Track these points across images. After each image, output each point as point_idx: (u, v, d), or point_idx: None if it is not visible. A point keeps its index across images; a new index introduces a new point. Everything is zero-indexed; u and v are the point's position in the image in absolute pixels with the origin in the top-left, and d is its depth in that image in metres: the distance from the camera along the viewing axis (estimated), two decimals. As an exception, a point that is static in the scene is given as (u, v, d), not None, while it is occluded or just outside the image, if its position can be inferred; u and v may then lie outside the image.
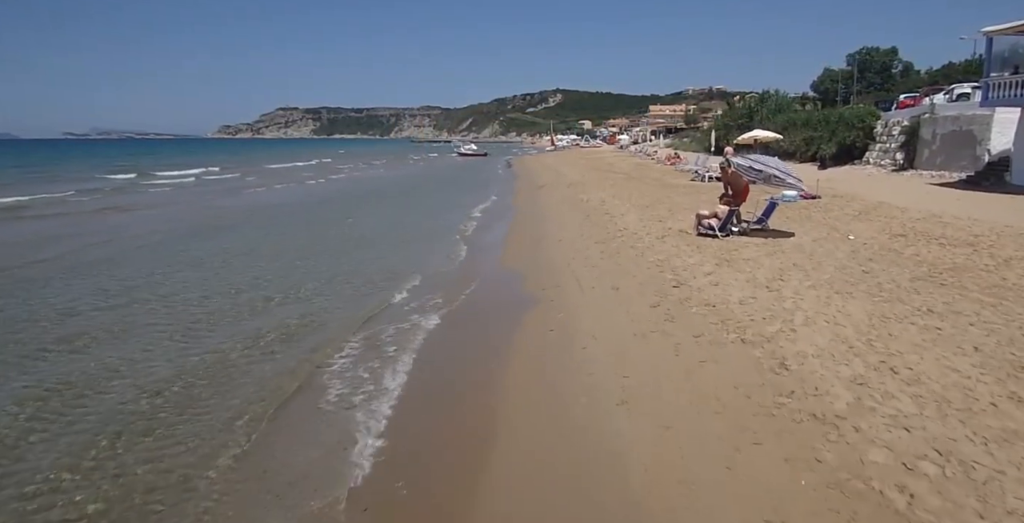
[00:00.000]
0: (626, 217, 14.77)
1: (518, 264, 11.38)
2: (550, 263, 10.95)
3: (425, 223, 18.10)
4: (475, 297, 9.55)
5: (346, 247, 14.09)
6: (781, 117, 43.90)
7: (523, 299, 8.96)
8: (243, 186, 31.83)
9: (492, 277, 11.08)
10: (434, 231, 16.44)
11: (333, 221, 18.84)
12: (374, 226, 17.59)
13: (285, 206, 23.42)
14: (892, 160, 28.93)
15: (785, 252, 10.25)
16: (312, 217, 20.05)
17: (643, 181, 26.47)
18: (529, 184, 29.32)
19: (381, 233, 16.34)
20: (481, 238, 15.02)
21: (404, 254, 13.05)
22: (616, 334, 6.71)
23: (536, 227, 15.45)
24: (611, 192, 21.27)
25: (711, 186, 23.07)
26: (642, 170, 34.24)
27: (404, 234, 16.25)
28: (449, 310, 8.75)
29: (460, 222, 17.67)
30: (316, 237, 15.70)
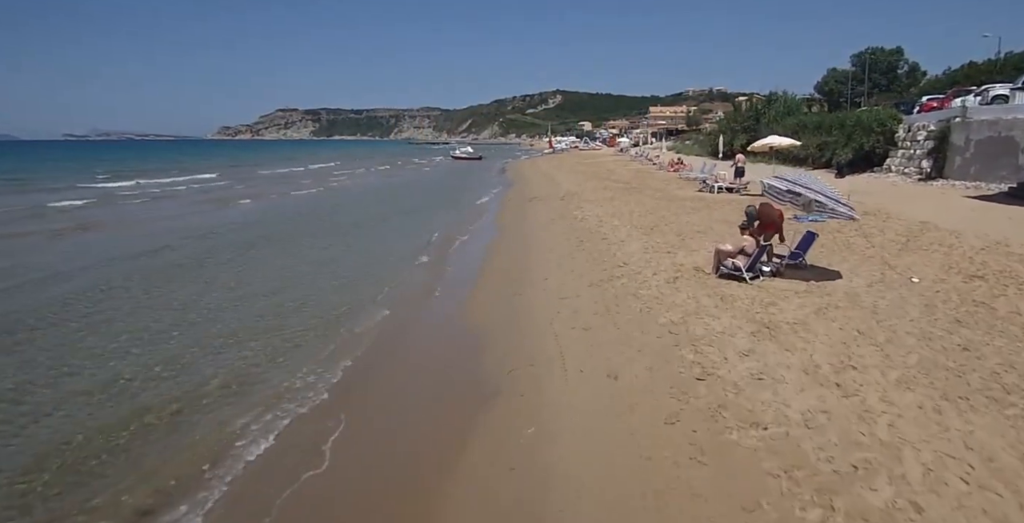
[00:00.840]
0: (627, 245, 12.24)
1: (485, 319, 8.79)
2: (528, 319, 8.38)
3: (395, 246, 15.53)
4: (403, 388, 6.72)
5: (270, 288, 11.57)
6: (791, 120, 41.41)
7: (478, 391, 6.30)
8: (229, 198, 28.72)
9: (443, 344, 8.35)
10: (397, 260, 13.92)
11: (288, 247, 16.35)
12: (331, 254, 15.10)
13: (257, 226, 20.98)
14: (917, 168, 26.43)
15: (839, 307, 7.71)
16: (281, 240, 17.57)
17: (645, 192, 23.94)
18: (520, 195, 26.78)
19: (340, 257, 13.86)
20: (447, 274, 12.44)
21: (342, 297, 10.40)
22: (615, 491, 4.17)
23: (518, 258, 12.83)
24: (609, 207, 18.73)
25: (722, 199, 20.55)
26: (643, 178, 31.72)
27: (366, 258, 13.77)
28: (343, 432, 5.62)
29: (427, 249, 15.08)
30: (258, 275, 13.21)
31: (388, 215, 22.10)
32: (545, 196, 24.35)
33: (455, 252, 14.64)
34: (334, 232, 18.06)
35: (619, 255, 11.27)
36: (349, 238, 17.06)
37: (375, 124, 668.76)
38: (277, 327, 8.74)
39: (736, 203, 19.54)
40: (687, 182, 28.32)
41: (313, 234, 17.73)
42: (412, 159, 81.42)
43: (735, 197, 21.24)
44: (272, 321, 9.04)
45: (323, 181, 40.19)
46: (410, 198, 28.87)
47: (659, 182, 28.59)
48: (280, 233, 17.96)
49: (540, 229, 16.16)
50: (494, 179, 38.86)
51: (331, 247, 15.53)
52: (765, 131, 45.78)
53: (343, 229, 18.64)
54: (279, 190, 33.01)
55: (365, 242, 16.39)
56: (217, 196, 29.28)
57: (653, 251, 11.40)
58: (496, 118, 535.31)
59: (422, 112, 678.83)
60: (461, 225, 19.02)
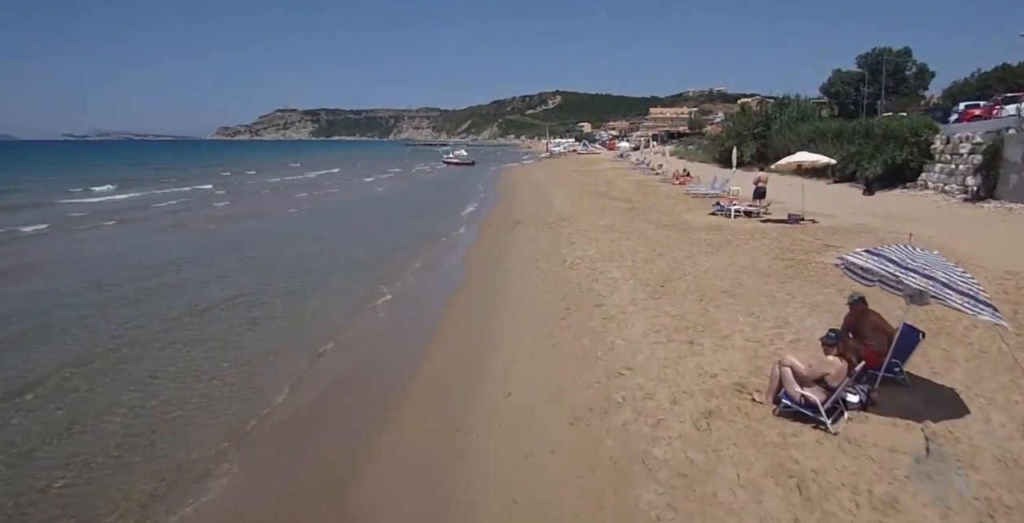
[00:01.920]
0: (630, 320, 8.75)
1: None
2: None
3: (309, 322, 11.92)
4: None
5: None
6: (806, 127, 37.92)
7: None
8: (202, 222, 24.76)
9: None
10: (307, 340, 10.49)
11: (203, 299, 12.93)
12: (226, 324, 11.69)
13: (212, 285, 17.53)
14: (961, 186, 22.99)
15: (1008, 505, 4.32)
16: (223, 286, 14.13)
17: (649, 215, 20.48)
18: (504, 216, 23.27)
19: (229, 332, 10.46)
20: (353, 383, 8.60)
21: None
22: None
23: (475, 345, 9.14)
24: (607, 242, 15.25)
25: (743, 228, 17.04)
26: (647, 193, 28.26)
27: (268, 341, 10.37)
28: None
29: (349, 323, 10.95)
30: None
31: (357, 245, 18.71)
32: (532, 219, 20.87)
33: (385, 323, 10.99)
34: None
35: (618, 345, 7.79)
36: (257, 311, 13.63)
37: (374, 125, 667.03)
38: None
39: (761, 235, 16.10)
40: (696, 200, 24.85)
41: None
42: (404, 161, 77.89)
43: (758, 226, 17.78)
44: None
45: (323, 197, 36.75)
46: (384, 222, 25.42)
47: (664, 200, 25.12)
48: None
49: (516, 278, 12.65)
50: (481, 192, 35.27)
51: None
52: (776, 138, 42.30)
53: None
54: (261, 208, 29.67)
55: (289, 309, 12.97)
56: (193, 218, 25.58)
57: (668, 338, 7.91)
58: (495, 119, 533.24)
59: (421, 113, 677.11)
60: (426, 265, 15.55)
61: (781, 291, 10.22)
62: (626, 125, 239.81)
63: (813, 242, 14.92)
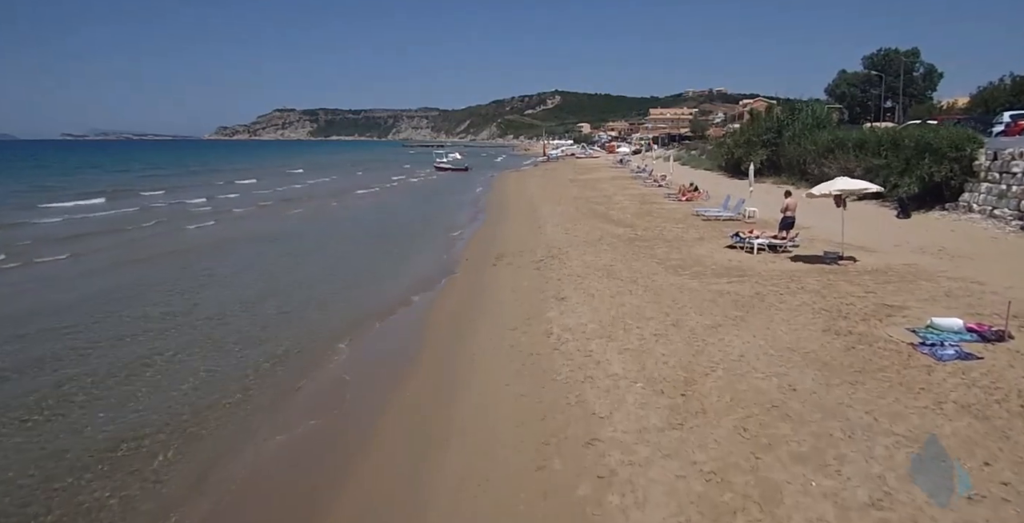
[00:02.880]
0: (643, 502, 5.62)
1: None
2: None
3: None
4: None
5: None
6: (824, 135, 34.71)
7: None
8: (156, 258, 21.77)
9: None
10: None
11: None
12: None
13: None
14: (1016, 211, 19.83)
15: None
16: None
17: (656, 248, 17.29)
18: (487, 245, 19.92)
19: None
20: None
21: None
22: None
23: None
24: (606, 301, 12.02)
25: (772, 272, 13.81)
26: (651, 214, 25.07)
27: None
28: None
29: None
30: None
31: (292, 299, 15.50)
32: (518, 253, 17.66)
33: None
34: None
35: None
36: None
37: (373, 125, 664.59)
38: None
39: (797, 284, 12.88)
40: (708, 225, 21.68)
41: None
42: (405, 167, 74.48)
43: (789, 267, 14.56)
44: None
45: (297, 213, 33.46)
46: (360, 255, 22.22)
47: (671, 224, 21.92)
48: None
49: (481, 367, 9.41)
50: (466, 209, 31.88)
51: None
52: (789, 146, 39.08)
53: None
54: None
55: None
56: (161, 247, 22.32)
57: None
58: (494, 119, 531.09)
59: (420, 113, 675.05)
60: (374, 340, 12.32)
61: (855, 405, 7.07)
62: (625, 126, 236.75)
63: (866, 298, 11.74)
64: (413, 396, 8.80)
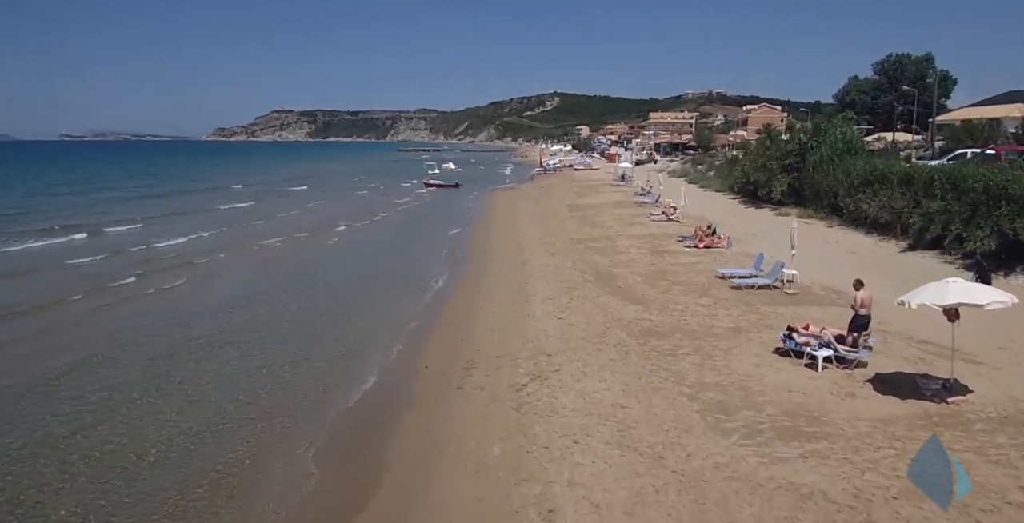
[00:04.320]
0: None
1: None
2: None
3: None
4: None
5: None
6: (858, 164, 30.11)
7: None
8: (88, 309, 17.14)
9: None
10: None
11: None
12: None
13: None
14: None
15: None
16: None
17: (682, 359, 12.81)
18: (453, 339, 15.09)
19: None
20: None
21: None
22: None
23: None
24: (619, 496, 7.70)
25: (857, 425, 8.80)
26: (666, 275, 20.42)
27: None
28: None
29: None
30: None
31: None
32: (493, 363, 13.01)
33: None
34: None
35: None
36: None
37: (371, 126, 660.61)
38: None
39: (903, 446, 8.44)
40: (741, 299, 17.14)
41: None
42: (386, 181, 69.83)
43: (875, 408, 10.01)
44: None
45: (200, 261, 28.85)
46: (294, 343, 17.68)
47: (696, 298, 17.27)
48: None
49: None
50: (442, 261, 26.73)
51: None
52: (816, 174, 34.29)
53: None
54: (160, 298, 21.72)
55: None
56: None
57: None
58: (493, 120, 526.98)
59: (419, 114, 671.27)
60: None
61: None
62: (624, 128, 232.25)
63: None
64: None
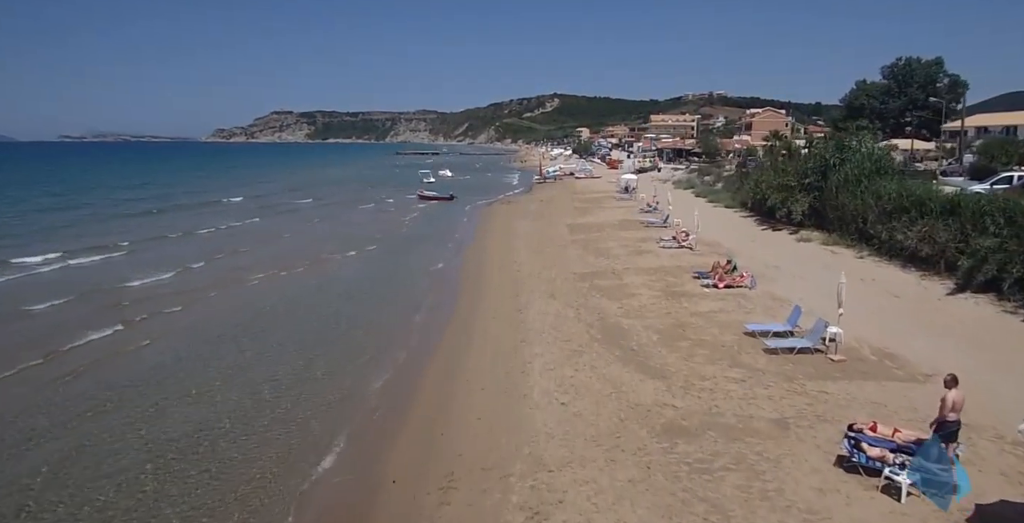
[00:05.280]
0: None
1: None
2: None
3: None
4: None
5: None
6: (890, 187, 27.20)
7: None
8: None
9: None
10: None
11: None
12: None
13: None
14: None
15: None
16: None
17: (722, 485, 10.03)
18: (427, 437, 12.12)
19: None
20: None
21: None
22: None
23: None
24: None
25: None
26: (687, 331, 17.55)
27: None
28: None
29: None
30: None
31: None
32: (478, 480, 10.26)
33: None
34: None
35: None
36: None
37: (371, 127, 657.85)
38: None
39: None
40: (779, 368, 14.31)
41: None
42: (378, 192, 66.99)
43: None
44: None
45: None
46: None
47: (727, 371, 14.42)
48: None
49: None
50: (426, 290, 24.11)
51: None
52: (840, 196, 31.17)
53: None
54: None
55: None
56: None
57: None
58: (493, 122, 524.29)
59: (418, 115, 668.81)
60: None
61: None
62: (625, 131, 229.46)
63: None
64: None
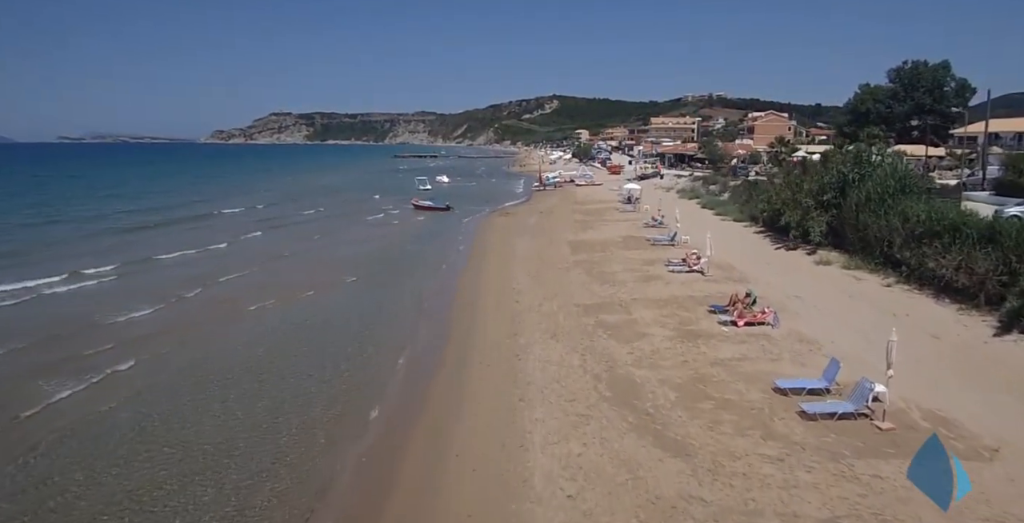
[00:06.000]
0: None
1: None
2: None
3: None
4: None
5: None
6: (919, 209, 24.91)
7: None
8: None
9: None
10: None
11: None
12: None
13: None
14: None
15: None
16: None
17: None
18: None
19: None
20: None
21: None
22: None
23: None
24: None
25: None
26: (708, 388, 15.35)
27: None
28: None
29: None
30: None
31: None
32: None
33: None
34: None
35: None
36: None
37: (370, 128, 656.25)
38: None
39: None
40: (816, 435, 12.14)
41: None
42: (371, 204, 64.89)
43: None
44: None
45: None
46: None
47: (759, 443, 12.22)
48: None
49: None
50: (416, 332, 21.86)
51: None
52: (861, 215, 28.53)
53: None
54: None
55: None
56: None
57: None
58: (492, 123, 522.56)
59: (417, 116, 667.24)
60: None
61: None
62: (624, 133, 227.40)
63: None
64: None
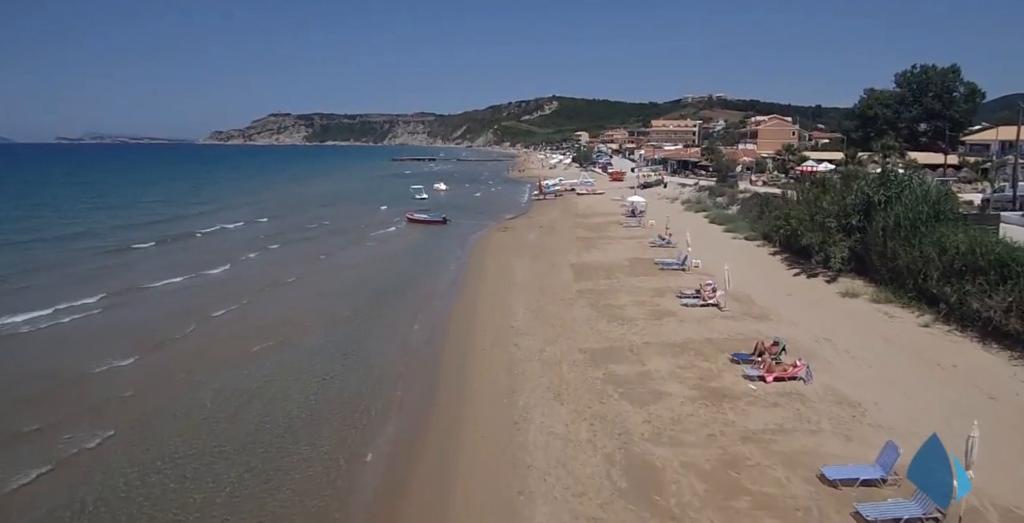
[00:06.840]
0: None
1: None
2: None
3: None
4: None
5: None
6: (956, 239, 22.62)
7: None
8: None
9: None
10: None
11: None
12: None
13: None
14: None
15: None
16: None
17: None
18: None
19: None
20: None
21: None
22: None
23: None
24: None
25: None
26: (737, 455, 13.26)
27: None
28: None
29: None
30: None
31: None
32: None
33: None
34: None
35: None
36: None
37: (369, 129, 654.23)
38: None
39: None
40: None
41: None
42: (368, 214, 62.75)
43: None
44: None
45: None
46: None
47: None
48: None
49: None
50: (388, 380, 19.63)
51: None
52: (890, 243, 25.89)
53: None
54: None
55: None
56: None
57: None
58: (491, 124, 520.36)
59: (416, 118, 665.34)
60: None
61: None
62: (625, 135, 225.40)
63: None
64: None
